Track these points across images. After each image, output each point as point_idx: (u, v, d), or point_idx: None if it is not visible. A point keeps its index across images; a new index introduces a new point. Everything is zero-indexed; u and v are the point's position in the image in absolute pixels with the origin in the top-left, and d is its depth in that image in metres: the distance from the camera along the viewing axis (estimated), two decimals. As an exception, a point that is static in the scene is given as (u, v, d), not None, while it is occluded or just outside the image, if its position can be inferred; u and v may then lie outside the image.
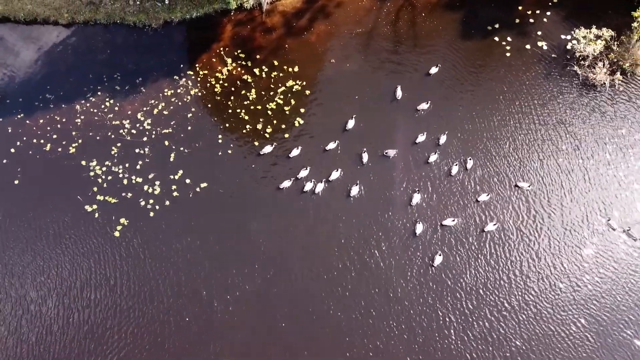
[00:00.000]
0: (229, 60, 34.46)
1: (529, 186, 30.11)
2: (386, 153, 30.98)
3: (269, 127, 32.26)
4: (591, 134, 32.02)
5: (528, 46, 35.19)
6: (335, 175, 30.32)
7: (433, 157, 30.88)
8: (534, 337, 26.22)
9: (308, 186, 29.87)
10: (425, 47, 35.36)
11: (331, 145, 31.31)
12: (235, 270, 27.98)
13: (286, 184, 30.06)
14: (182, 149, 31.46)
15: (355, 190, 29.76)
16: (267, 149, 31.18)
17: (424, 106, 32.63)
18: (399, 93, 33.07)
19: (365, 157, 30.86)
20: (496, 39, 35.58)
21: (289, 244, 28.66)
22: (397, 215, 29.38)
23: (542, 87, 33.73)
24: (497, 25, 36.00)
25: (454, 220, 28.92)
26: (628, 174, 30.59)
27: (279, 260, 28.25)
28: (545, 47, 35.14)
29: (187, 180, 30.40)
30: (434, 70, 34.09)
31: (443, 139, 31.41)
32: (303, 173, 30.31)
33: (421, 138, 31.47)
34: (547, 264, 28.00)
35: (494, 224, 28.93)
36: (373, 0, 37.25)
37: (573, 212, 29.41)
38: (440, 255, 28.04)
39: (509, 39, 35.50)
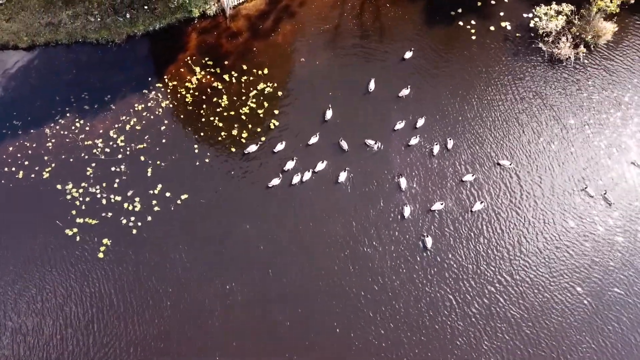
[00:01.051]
0: (198, 69, 34.15)
1: (510, 164, 30.63)
2: (367, 142, 31.26)
3: (244, 132, 32.07)
4: (564, 106, 32.75)
5: (492, 27, 35.67)
6: (320, 166, 30.59)
7: (414, 141, 31.33)
8: (532, 306, 27.01)
9: (295, 179, 30.12)
10: (392, 37, 35.57)
11: (313, 140, 31.46)
12: (230, 276, 27.85)
13: (275, 181, 30.16)
14: (158, 162, 31.07)
15: (343, 177, 30.18)
16: (252, 147, 31.24)
17: (405, 92, 32.96)
18: (372, 86, 33.24)
19: (345, 146, 31.16)
20: (460, 23, 35.96)
21: (283, 242, 28.70)
22: (385, 201, 29.71)
23: (511, 65, 34.25)
24: (460, 10, 36.40)
25: (442, 204, 29.34)
26: (604, 139, 31.45)
27: (274, 261, 28.22)
28: (509, 27, 35.65)
29: (167, 194, 30.05)
30: (408, 54, 34.46)
31: (421, 122, 31.90)
32: (290, 165, 30.58)
33: (400, 125, 31.81)
34: (536, 236, 28.69)
35: (481, 203, 29.42)
36: (336, -4, 37.25)
37: (556, 182, 30.17)
38: (429, 237, 28.47)
39: (472, 22, 35.92)
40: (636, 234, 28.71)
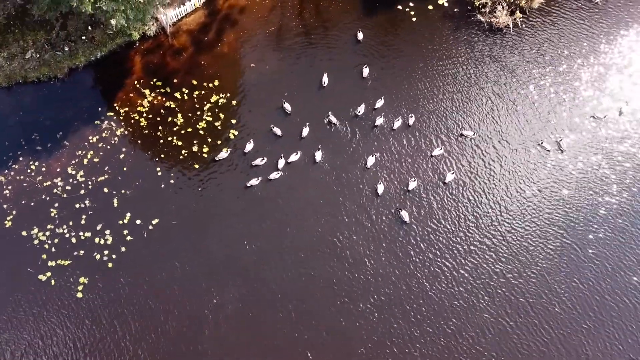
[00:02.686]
0: (147, 92, 33.67)
1: (473, 134, 31.91)
2: (331, 119, 32.24)
3: (204, 146, 31.85)
4: (511, 72, 33.89)
5: (430, 7, 36.47)
6: (294, 157, 31.24)
7: (379, 121, 32.23)
8: (516, 257, 28.75)
9: (273, 175, 30.76)
10: (336, 29, 35.91)
11: (278, 131, 31.96)
12: (216, 289, 27.79)
13: (253, 181, 30.61)
14: (123, 191, 30.54)
15: (319, 156, 31.14)
16: (222, 154, 31.37)
17: (366, 71, 33.81)
18: (325, 80, 33.58)
19: (305, 131, 31.93)
20: (400, 7, 36.59)
21: (263, 244, 29.00)
22: (357, 182, 30.74)
23: (454, 40, 35.25)
24: (397, -6, 37.13)
25: (414, 180, 30.40)
26: (555, 97, 33.00)
27: (258, 265, 28.35)
28: (446, 4, 36.50)
29: (138, 221, 29.59)
30: (360, 36, 35.20)
31: (380, 103, 32.78)
32: (261, 161, 31.19)
33: (361, 108, 32.54)
34: (508, 195, 30.39)
35: (452, 173, 30.61)
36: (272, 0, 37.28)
37: (517, 142, 31.81)
38: (403, 211, 29.56)
39: (411, 4, 36.61)
40: (591, 181, 30.34)
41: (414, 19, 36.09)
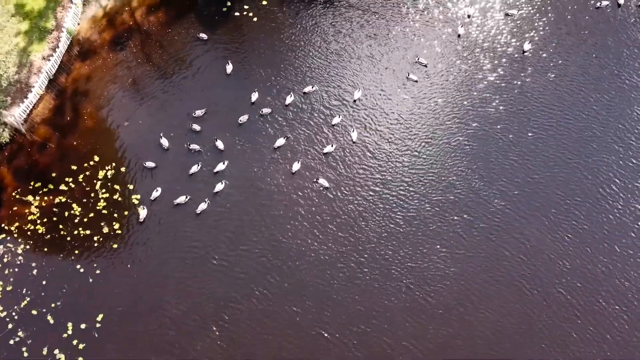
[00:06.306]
0: (30, 198, 31.73)
1: (360, 94, 34.50)
2: (240, 121, 33.40)
3: (114, 223, 30.85)
4: (349, 35, 35.82)
5: (265, 2, 37.47)
6: (219, 187, 31.65)
7: (266, 111, 33.79)
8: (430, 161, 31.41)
9: (196, 210, 31.12)
10: (186, 55, 36.06)
11: (194, 169, 32.05)
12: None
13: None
14: (53, 305, 28.86)
15: (223, 166, 32.03)
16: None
17: (229, 68, 34.97)
18: (199, 112, 33.64)
19: (220, 145, 32.76)
20: (237, 13, 37.20)
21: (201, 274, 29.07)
22: (271, 165, 32.34)
23: (306, 21, 37.05)
24: (228, 3, 37.51)
25: (332, 146, 32.60)
26: (408, 34, 36.35)
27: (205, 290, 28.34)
28: (270, -2, 38.06)
29: (82, 326, 28.22)
30: (203, 36, 36.19)
31: (255, 97, 34.12)
32: (155, 194, 31.28)
33: (244, 118, 33.62)
34: (394, 124, 33.09)
35: (354, 130, 33.32)
36: (114, 52, 36.13)
37: (389, 87, 34.99)
38: (321, 179, 31.75)
39: (245, 7, 37.34)
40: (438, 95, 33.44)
41: (255, 19, 37.02)
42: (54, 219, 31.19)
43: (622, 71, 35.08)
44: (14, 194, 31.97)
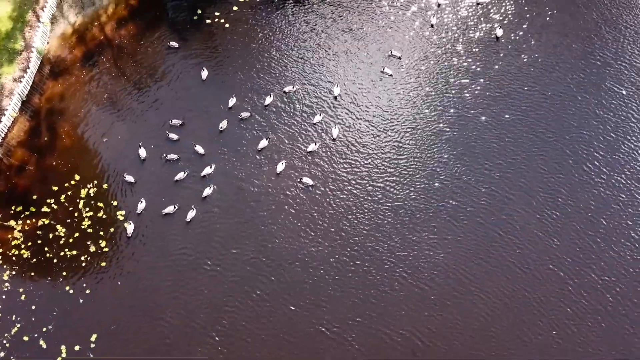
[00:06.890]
0: (12, 222, 31.11)
1: (339, 90, 34.65)
2: (220, 127, 33.21)
3: (101, 241, 30.38)
4: (325, 31, 35.93)
5: (235, 7, 37.39)
6: (207, 191, 31.45)
7: (245, 114, 33.71)
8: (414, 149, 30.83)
9: (190, 215, 30.87)
10: (160, 64, 35.80)
11: (180, 175, 31.78)
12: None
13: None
14: (45, 329, 28.31)
15: (209, 169, 32.02)
16: (130, 229, 30.43)
17: (204, 74, 34.78)
18: (176, 121, 33.38)
19: (200, 150, 32.56)
20: (208, 20, 37.04)
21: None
22: (257, 167, 32.24)
23: (273, 24, 36.98)
24: (198, 11, 37.37)
25: (316, 145, 32.64)
26: (383, 26, 36.82)
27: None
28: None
29: (76, 348, 27.68)
30: (174, 44, 35.97)
31: (232, 102, 34.02)
32: (140, 206, 30.99)
33: (223, 124, 33.33)
34: (377, 111, 33.20)
35: (335, 127, 33.31)
36: (86, 69, 35.69)
37: (365, 82, 35.19)
38: (305, 178, 31.66)
39: (216, 13, 37.24)
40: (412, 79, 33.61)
41: (227, 25, 36.88)
42: (39, 242, 30.63)
43: (594, 49, 35.70)
44: (-6, 220, 31.36)
